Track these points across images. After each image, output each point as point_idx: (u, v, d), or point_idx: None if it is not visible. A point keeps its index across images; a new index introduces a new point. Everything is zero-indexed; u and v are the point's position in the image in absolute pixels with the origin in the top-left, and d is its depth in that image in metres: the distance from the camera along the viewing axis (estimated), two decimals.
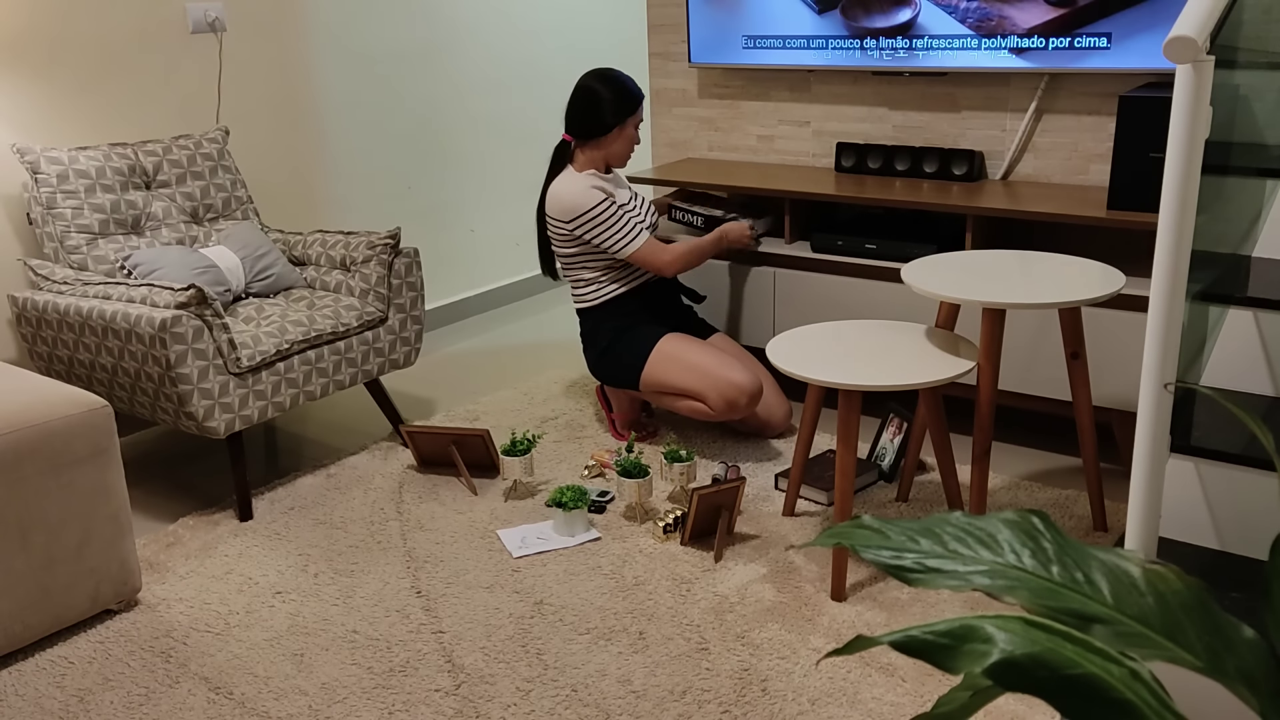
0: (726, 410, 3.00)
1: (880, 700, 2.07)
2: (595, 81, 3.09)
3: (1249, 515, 1.96)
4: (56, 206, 2.94)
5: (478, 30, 4.41)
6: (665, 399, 3.12)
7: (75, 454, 2.30)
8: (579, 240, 3.08)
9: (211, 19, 3.46)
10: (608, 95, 3.07)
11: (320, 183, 3.95)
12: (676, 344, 3.07)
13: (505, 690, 2.14)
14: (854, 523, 1.13)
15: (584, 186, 3.03)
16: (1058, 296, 2.31)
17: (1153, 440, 1.78)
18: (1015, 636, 0.97)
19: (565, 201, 3.04)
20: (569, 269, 3.19)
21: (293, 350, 2.88)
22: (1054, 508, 2.75)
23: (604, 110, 3.07)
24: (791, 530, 2.70)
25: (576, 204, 3.03)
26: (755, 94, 3.72)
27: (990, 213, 2.97)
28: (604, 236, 3.04)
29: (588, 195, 3.02)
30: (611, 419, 3.33)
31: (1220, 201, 2.17)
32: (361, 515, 2.86)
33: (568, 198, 3.04)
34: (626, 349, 3.11)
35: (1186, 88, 1.64)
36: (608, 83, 3.08)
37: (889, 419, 3.01)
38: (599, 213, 3.02)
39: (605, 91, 3.07)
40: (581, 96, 3.10)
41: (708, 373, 3.00)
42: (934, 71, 3.25)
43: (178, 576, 2.59)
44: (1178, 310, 1.72)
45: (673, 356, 3.05)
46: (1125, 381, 2.83)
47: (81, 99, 3.19)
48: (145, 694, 2.17)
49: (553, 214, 3.09)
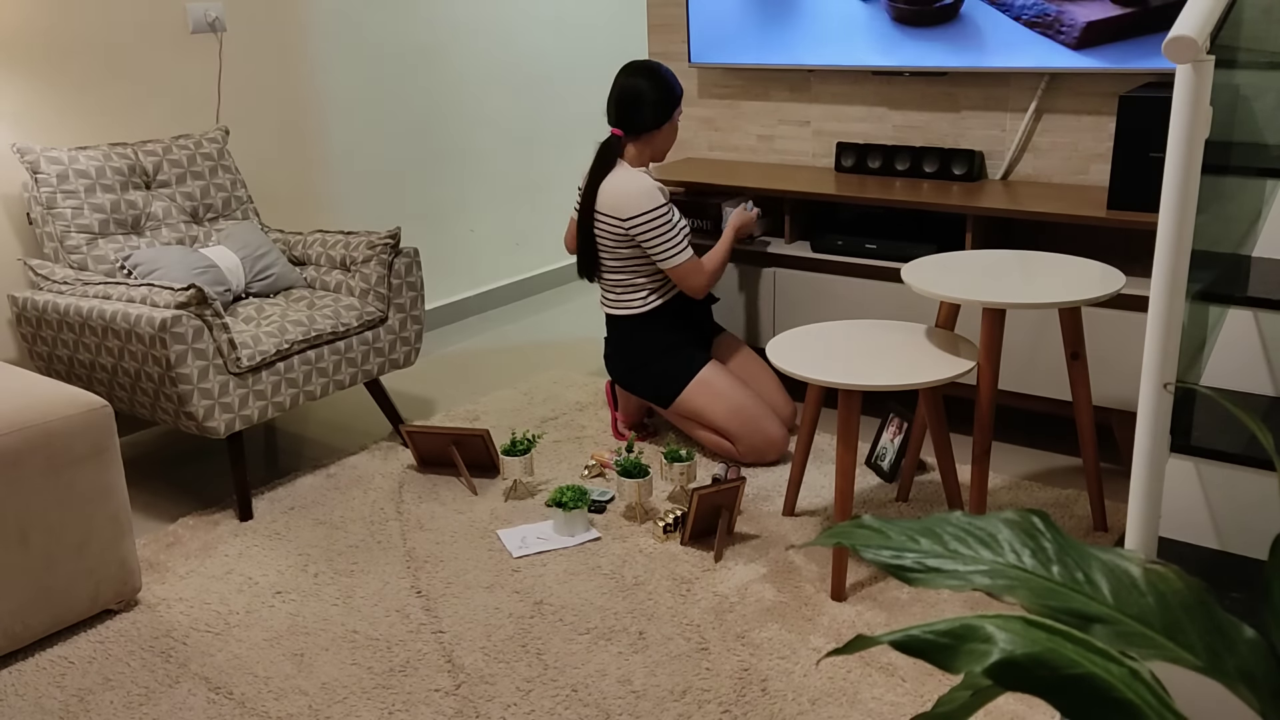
0: (752, 459, 3.01)
1: (880, 700, 2.07)
2: (641, 75, 3.01)
3: (1249, 515, 1.96)
4: (56, 206, 2.94)
5: (478, 30, 4.41)
6: (688, 424, 3.10)
7: (75, 454, 2.30)
8: (631, 241, 2.98)
9: (211, 19, 3.46)
10: (657, 88, 3.00)
11: (320, 183, 3.95)
12: (719, 377, 3.01)
13: (505, 690, 2.14)
14: (854, 523, 1.13)
15: (648, 186, 2.94)
16: (1058, 296, 2.31)
17: (1153, 440, 1.78)
18: (1016, 636, 0.97)
19: (626, 199, 2.93)
20: (615, 273, 3.07)
21: (293, 350, 2.88)
22: (1054, 508, 2.75)
23: (654, 103, 3.00)
24: (791, 530, 2.70)
25: (638, 203, 2.92)
26: (755, 94, 3.72)
27: (990, 213, 2.97)
28: (656, 242, 2.95)
29: (651, 196, 2.93)
30: (615, 417, 3.33)
31: (1220, 201, 2.17)
32: (361, 515, 2.86)
33: (629, 196, 2.93)
34: (665, 370, 3.05)
35: (1186, 88, 1.64)
36: (653, 75, 3.01)
37: (889, 419, 3.00)
38: (658, 215, 2.93)
39: (653, 84, 3.00)
40: (630, 90, 3.00)
41: (747, 420, 2.97)
42: (934, 71, 3.25)
43: (178, 576, 2.59)
44: (1178, 310, 1.72)
45: (715, 391, 2.99)
46: (1125, 381, 2.83)
47: (81, 99, 3.19)
48: (145, 694, 2.17)
49: (609, 211, 2.96)
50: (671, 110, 3.04)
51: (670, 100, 3.03)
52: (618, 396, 3.30)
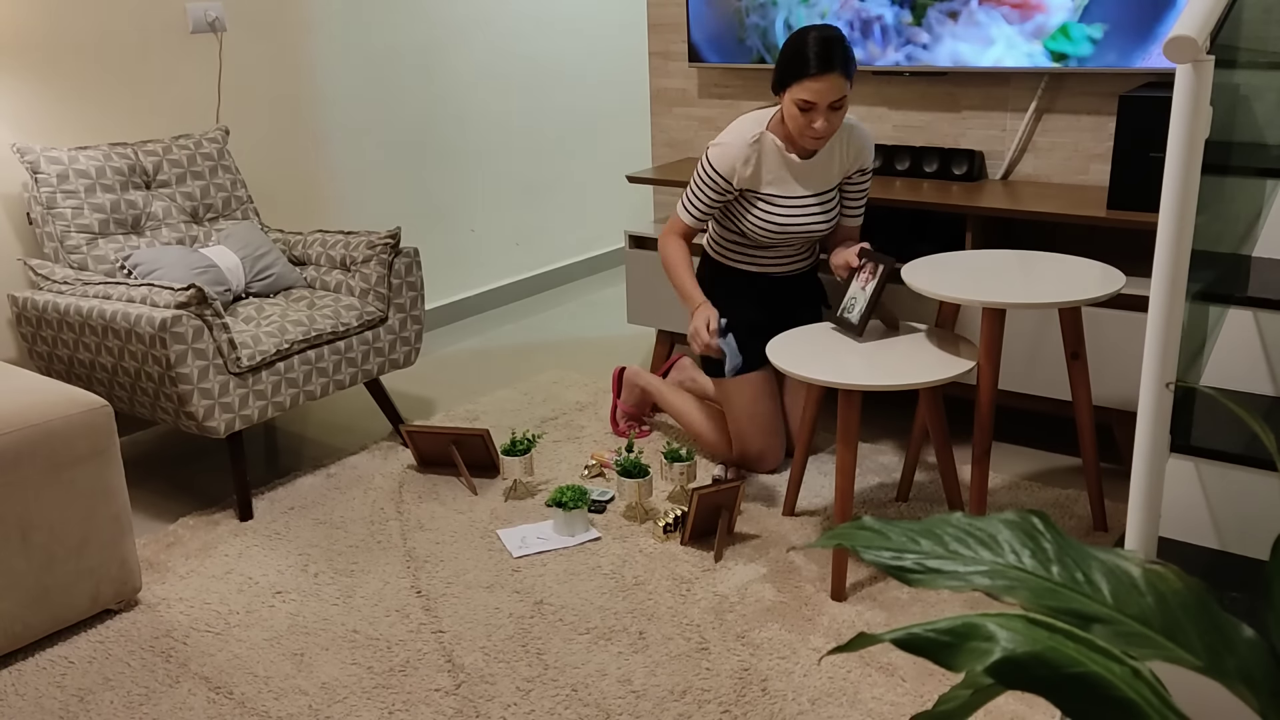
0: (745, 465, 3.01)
1: (880, 700, 2.07)
2: (797, 32, 2.63)
3: (1249, 515, 1.96)
4: (56, 206, 2.94)
5: (478, 30, 4.41)
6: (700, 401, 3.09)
7: (75, 454, 2.30)
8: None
9: (211, 19, 3.46)
10: (784, 51, 2.64)
11: (320, 183, 3.95)
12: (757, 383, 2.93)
13: (505, 690, 2.14)
14: (855, 524, 1.13)
15: (730, 135, 2.74)
16: (1058, 296, 2.31)
17: (1153, 440, 1.78)
18: (1017, 635, 0.97)
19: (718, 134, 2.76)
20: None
21: (293, 350, 2.88)
22: (1054, 508, 2.75)
23: (778, 64, 2.66)
24: (791, 530, 2.70)
25: (709, 142, 2.76)
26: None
27: (990, 213, 2.97)
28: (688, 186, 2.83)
29: (713, 145, 2.76)
30: (615, 405, 3.33)
31: (1220, 201, 2.17)
32: (361, 515, 2.86)
33: (720, 132, 2.74)
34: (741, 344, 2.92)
35: (1186, 88, 1.64)
36: (792, 38, 2.63)
37: (862, 264, 2.67)
38: (699, 165, 2.79)
39: (788, 45, 2.63)
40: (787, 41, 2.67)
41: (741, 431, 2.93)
42: (934, 71, 3.25)
43: (178, 576, 2.59)
44: (1178, 310, 1.72)
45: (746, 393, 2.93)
46: (1125, 381, 2.83)
47: (81, 99, 3.19)
48: (145, 694, 2.17)
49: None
50: (785, 84, 2.65)
51: (785, 72, 2.63)
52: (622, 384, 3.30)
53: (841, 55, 2.59)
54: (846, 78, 2.61)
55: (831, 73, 2.57)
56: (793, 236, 2.83)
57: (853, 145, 2.82)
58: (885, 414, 3.40)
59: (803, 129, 2.66)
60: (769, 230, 2.80)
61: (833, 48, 2.57)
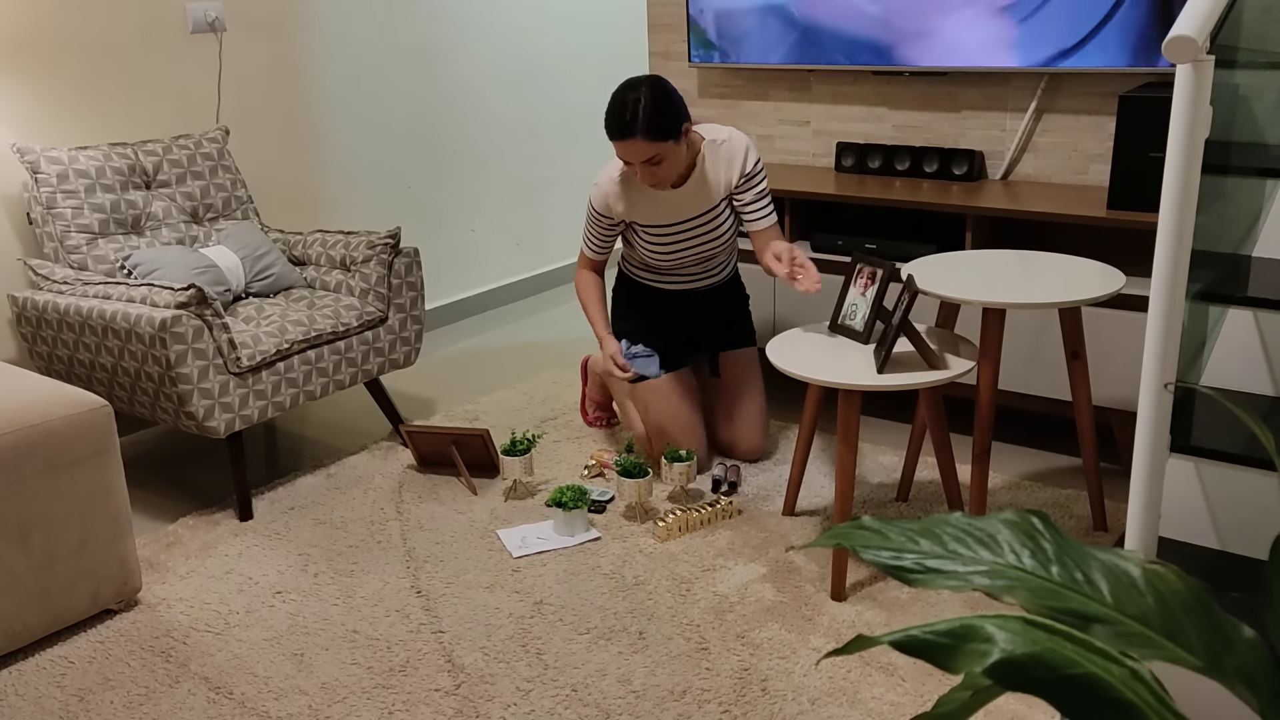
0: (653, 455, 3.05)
1: (880, 700, 2.07)
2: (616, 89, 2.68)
3: (1249, 515, 1.96)
4: (56, 206, 2.94)
5: (478, 30, 4.41)
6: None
7: (75, 454, 2.30)
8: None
9: (211, 19, 3.46)
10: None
11: (320, 183, 3.95)
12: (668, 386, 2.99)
13: (505, 690, 2.14)
14: (854, 523, 1.13)
15: (602, 174, 2.87)
16: (1058, 296, 2.31)
17: (1153, 440, 1.78)
18: (1016, 636, 0.97)
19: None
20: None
21: (293, 350, 2.88)
22: (1054, 508, 2.75)
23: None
24: (791, 530, 2.70)
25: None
26: (755, 94, 3.72)
27: (990, 212, 2.97)
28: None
29: (593, 183, 2.91)
30: (584, 394, 3.38)
31: (1220, 201, 2.17)
32: (361, 515, 2.86)
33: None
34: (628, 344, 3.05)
35: (1186, 88, 1.64)
36: (613, 94, 2.67)
37: (856, 270, 2.57)
38: (589, 202, 2.93)
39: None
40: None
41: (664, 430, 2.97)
42: (934, 71, 3.25)
43: (178, 576, 2.59)
44: (1178, 310, 1.72)
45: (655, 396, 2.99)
46: (1125, 381, 2.83)
47: (81, 99, 3.19)
48: (145, 694, 2.17)
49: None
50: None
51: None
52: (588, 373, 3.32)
53: (643, 119, 2.57)
54: (650, 139, 2.60)
55: (629, 138, 2.60)
56: (685, 259, 2.93)
57: (721, 161, 2.83)
58: (885, 414, 3.40)
59: (640, 177, 2.70)
60: (659, 256, 2.91)
61: (625, 112, 2.58)
